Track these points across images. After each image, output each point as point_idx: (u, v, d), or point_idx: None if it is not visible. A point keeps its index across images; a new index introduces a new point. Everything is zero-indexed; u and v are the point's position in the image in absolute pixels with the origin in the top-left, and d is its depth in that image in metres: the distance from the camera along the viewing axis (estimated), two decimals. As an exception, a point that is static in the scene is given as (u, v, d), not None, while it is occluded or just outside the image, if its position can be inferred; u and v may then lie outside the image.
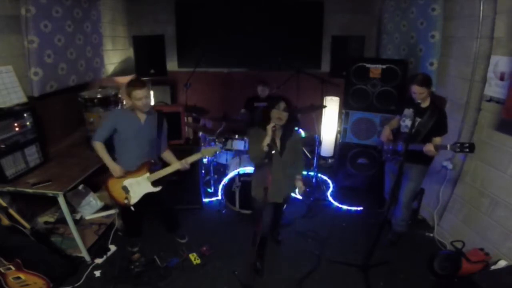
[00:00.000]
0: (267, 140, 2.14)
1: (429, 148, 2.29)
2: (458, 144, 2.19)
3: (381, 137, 2.83)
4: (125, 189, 2.44)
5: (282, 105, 2.23)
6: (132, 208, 2.46)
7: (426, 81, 2.39)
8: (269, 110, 2.25)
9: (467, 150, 2.18)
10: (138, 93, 2.26)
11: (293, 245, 2.92)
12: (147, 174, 2.45)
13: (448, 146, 2.23)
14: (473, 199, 2.64)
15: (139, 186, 2.46)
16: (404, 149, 2.25)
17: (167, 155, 2.61)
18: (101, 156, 2.38)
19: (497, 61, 2.39)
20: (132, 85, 2.29)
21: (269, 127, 2.14)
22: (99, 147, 2.37)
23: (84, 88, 3.37)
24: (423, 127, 2.46)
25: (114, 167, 2.40)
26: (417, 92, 2.39)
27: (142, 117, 2.41)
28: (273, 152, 2.09)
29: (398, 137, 2.67)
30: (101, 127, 2.39)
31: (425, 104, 2.51)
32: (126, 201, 2.41)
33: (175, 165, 2.49)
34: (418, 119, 2.48)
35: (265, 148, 2.12)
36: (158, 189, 2.49)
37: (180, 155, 2.56)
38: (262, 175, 2.35)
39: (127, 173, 2.44)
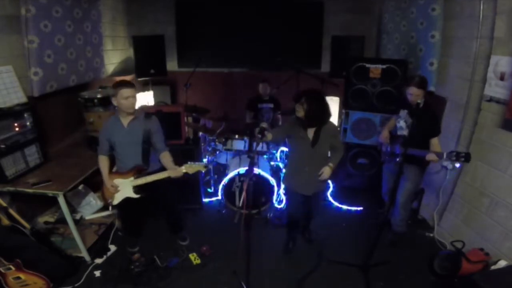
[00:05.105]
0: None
1: (431, 157, 2.31)
2: (454, 153, 2.21)
3: (379, 138, 2.86)
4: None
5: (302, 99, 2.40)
6: (110, 208, 2.50)
7: (423, 83, 2.45)
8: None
9: (463, 159, 2.21)
10: (126, 91, 2.23)
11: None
12: (132, 178, 2.40)
13: (445, 154, 2.25)
14: (473, 199, 2.64)
15: (123, 189, 2.42)
16: (403, 153, 2.26)
17: (163, 158, 2.44)
18: (100, 169, 2.44)
19: (497, 61, 2.39)
20: (120, 83, 2.28)
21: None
22: (100, 161, 2.44)
23: (84, 88, 3.37)
24: (417, 128, 2.47)
25: (106, 181, 2.43)
26: (414, 93, 2.44)
27: (126, 121, 2.36)
28: (262, 137, 2.27)
29: (395, 139, 2.68)
30: (99, 142, 2.43)
31: (420, 105, 2.51)
32: (110, 200, 2.44)
33: (162, 174, 2.36)
34: (411, 121, 2.49)
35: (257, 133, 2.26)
36: (137, 196, 2.41)
37: (179, 155, 2.54)
38: (292, 166, 2.56)
39: (119, 175, 2.43)
